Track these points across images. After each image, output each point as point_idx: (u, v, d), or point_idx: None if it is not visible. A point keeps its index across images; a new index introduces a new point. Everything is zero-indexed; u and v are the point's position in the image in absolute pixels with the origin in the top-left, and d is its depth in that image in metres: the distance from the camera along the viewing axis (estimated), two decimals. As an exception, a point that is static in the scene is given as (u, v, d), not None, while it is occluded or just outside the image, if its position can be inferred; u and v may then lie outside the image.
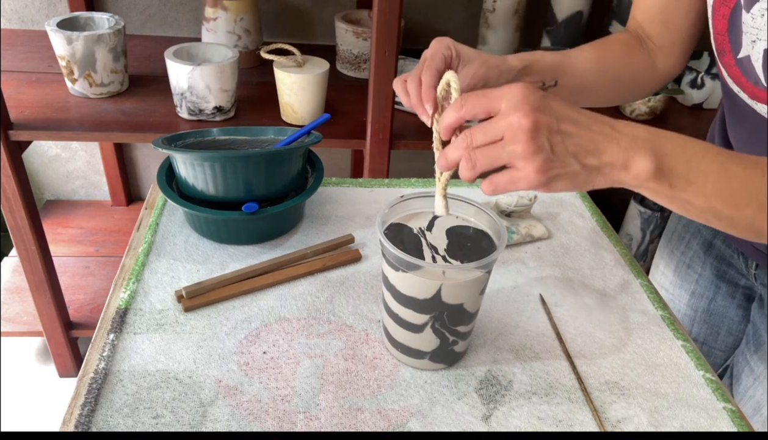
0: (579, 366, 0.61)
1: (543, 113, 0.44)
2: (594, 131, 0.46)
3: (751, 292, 0.78)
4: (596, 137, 0.45)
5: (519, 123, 0.44)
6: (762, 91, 0.59)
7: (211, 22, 1.30)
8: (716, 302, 0.80)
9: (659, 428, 0.55)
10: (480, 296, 0.56)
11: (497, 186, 0.47)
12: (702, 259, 0.81)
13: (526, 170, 0.45)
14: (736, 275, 0.78)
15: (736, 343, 0.80)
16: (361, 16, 1.43)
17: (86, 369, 0.56)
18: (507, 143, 0.44)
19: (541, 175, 0.44)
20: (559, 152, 0.45)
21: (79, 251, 1.59)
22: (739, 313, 0.79)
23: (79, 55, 1.13)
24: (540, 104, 0.45)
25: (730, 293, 0.79)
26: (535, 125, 0.44)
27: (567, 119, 0.45)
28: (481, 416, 0.55)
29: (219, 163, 0.68)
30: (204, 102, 1.13)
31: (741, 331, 0.80)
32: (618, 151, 0.45)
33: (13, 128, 1.08)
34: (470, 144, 0.46)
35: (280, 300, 0.65)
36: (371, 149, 1.16)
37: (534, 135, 0.44)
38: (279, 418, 0.53)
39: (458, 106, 0.47)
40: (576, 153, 0.45)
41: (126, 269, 0.68)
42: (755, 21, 0.56)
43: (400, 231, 0.58)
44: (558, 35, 1.43)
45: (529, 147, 0.44)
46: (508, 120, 0.44)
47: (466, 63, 0.60)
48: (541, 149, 0.44)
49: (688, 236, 0.83)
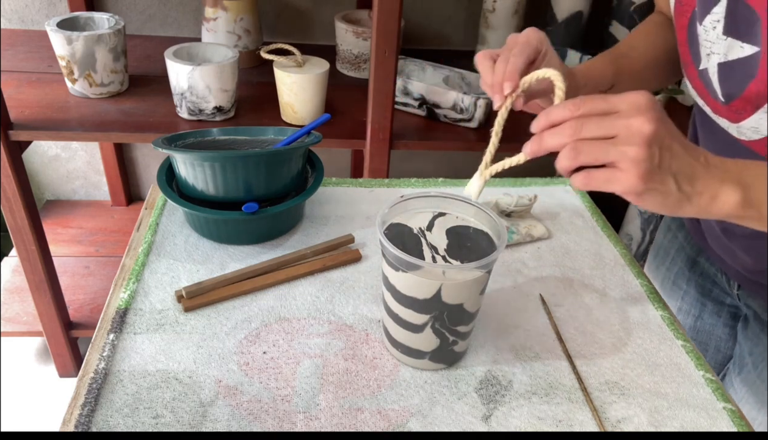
0: (579, 366, 0.61)
1: (664, 125, 0.45)
2: (693, 157, 0.46)
3: (737, 311, 0.76)
4: (695, 164, 0.46)
5: (640, 127, 0.44)
6: (720, 105, 0.58)
7: (211, 22, 1.30)
8: (703, 319, 0.79)
9: (659, 428, 0.55)
10: (480, 296, 0.56)
11: (593, 181, 0.46)
12: (687, 276, 0.80)
13: (629, 173, 0.44)
14: (721, 293, 0.76)
15: (725, 360, 0.78)
16: (361, 16, 1.43)
17: (86, 369, 0.56)
18: (620, 142, 0.44)
19: (641, 183, 0.44)
20: (664, 167, 0.45)
21: (79, 251, 1.59)
22: (726, 331, 0.78)
23: (79, 55, 1.13)
24: (662, 116, 0.45)
25: (716, 312, 0.78)
26: (655, 133, 0.44)
27: (678, 139, 0.46)
28: (481, 416, 0.55)
29: (219, 163, 0.68)
30: (204, 102, 1.13)
31: (729, 348, 0.78)
32: (709, 181, 0.46)
33: (13, 128, 1.08)
34: (578, 133, 0.45)
35: (280, 300, 0.65)
36: (371, 149, 1.16)
37: (650, 142, 0.44)
38: (279, 418, 0.53)
39: (575, 106, 0.46)
40: (676, 174, 0.45)
41: (126, 269, 0.68)
42: (708, 33, 0.55)
43: (400, 231, 0.58)
44: (558, 35, 1.43)
45: (642, 152, 0.43)
46: (628, 121, 0.44)
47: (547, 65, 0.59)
48: (651, 157, 0.44)
49: (673, 252, 0.82)
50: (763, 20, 0.50)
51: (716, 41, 0.55)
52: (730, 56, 0.54)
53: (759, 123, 0.54)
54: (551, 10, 1.43)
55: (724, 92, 0.56)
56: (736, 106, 0.56)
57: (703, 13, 0.55)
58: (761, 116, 0.54)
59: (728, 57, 0.54)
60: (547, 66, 0.59)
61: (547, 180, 0.91)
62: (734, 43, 0.53)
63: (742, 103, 0.55)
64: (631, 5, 1.36)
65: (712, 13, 0.54)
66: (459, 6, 1.56)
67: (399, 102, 1.25)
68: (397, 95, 1.24)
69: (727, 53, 0.54)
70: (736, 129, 0.57)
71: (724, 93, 0.56)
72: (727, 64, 0.55)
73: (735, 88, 0.55)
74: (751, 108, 0.54)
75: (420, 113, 1.26)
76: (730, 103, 0.56)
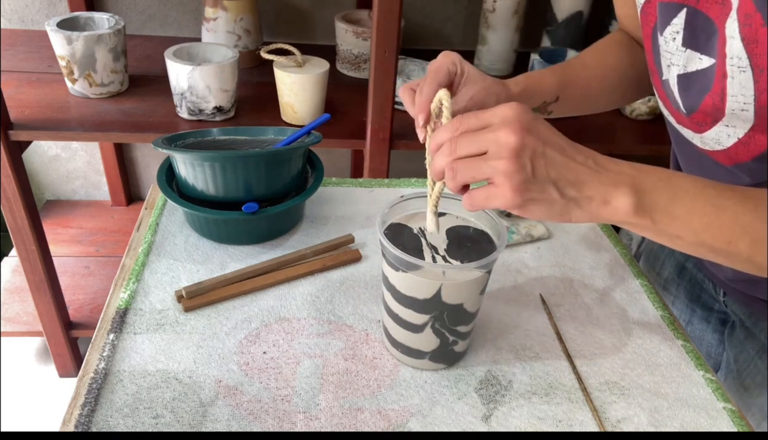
0: (579, 366, 0.61)
1: (531, 134, 0.44)
2: (578, 161, 0.45)
3: (725, 317, 0.75)
4: (579, 168, 0.45)
5: (506, 139, 0.43)
6: (683, 116, 0.57)
7: (211, 22, 1.30)
8: (693, 325, 0.78)
9: (659, 428, 0.55)
10: (480, 296, 0.56)
11: (474, 201, 0.46)
12: (676, 281, 0.79)
13: (504, 188, 0.44)
14: (709, 299, 0.76)
15: (716, 366, 0.77)
16: (361, 16, 1.43)
17: (86, 369, 0.56)
18: (490, 157, 0.44)
19: (518, 195, 0.44)
20: (539, 175, 0.44)
21: (79, 251, 1.59)
22: (715, 337, 0.77)
23: (79, 55, 1.13)
24: (530, 125, 0.44)
25: (705, 318, 0.77)
26: (521, 143, 0.43)
27: (553, 145, 0.45)
28: (481, 416, 0.55)
29: (219, 163, 0.68)
30: (204, 102, 1.13)
31: (720, 354, 0.77)
32: (598, 186, 0.45)
33: (13, 128, 1.08)
34: (454, 153, 0.46)
35: (280, 300, 0.65)
36: (371, 149, 1.16)
37: (518, 153, 0.43)
38: (279, 418, 0.53)
39: (453, 128, 0.46)
40: (556, 180, 0.44)
41: (126, 269, 0.68)
42: (668, 44, 0.55)
43: (400, 231, 0.58)
44: (558, 35, 1.43)
45: (511, 165, 0.43)
46: (495, 134, 0.44)
47: (468, 83, 0.60)
48: (522, 168, 0.43)
49: (663, 257, 0.81)
50: (721, 32, 0.49)
51: (676, 52, 0.54)
52: (690, 68, 0.53)
53: (719, 135, 0.54)
54: (551, 10, 1.43)
55: (684, 104, 0.55)
56: (697, 119, 0.55)
57: (663, 24, 0.55)
58: (721, 128, 0.53)
59: (687, 69, 0.53)
60: (466, 84, 0.60)
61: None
62: (693, 55, 0.52)
63: (701, 116, 0.54)
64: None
65: (671, 24, 0.54)
66: (459, 6, 1.56)
67: (399, 102, 1.25)
68: (398, 95, 1.24)
69: (686, 65, 0.53)
70: (699, 140, 0.57)
71: (685, 105, 0.55)
72: (686, 76, 0.54)
73: (694, 101, 0.54)
74: (711, 121, 0.53)
75: (420, 113, 1.26)
76: (690, 115, 0.56)
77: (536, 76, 0.66)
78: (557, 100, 0.67)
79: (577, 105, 0.70)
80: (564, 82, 0.67)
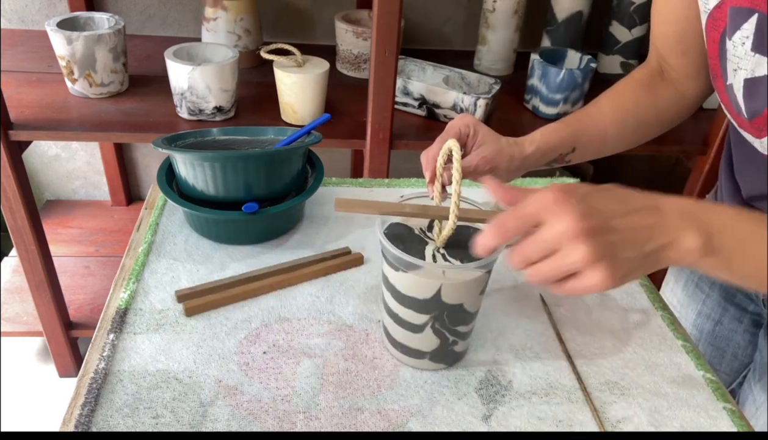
0: (579, 366, 0.61)
1: (589, 217, 0.43)
2: (641, 215, 0.45)
3: (759, 318, 0.75)
4: (646, 222, 0.45)
5: (571, 234, 0.42)
6: (744, 121, 0.58)
7: (211, 22, 1.30)
8: (722, 324, 0.78)
9: (659, 428, 0.55)
10: (480, 296, 0.56)
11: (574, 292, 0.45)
12: (711, 279, 0.78)
13: (595, 279, 0.43)
14: (744, 299, 0.75)
15: (741, 368, 0.77)
16: (361, 16, 1.43)
17: (86, 369, 0.56)
18: (566, 256, 0.43)
19: (610, 280, 0.43)
20: (619, 250, 0.43)
21: (79, 251, 1.59)
22: (746, 338, 0.76)
23: (79, 55, 1.13)
24: (581, 208, 0.43)
25: (737, 318, 0.76)
26: (586, 232, 0.42)
27: (612, 214, 0.44)
28: (481, 416, 0.55)
29: (219, 163, 0.68)
30: (204, 102, 1.13)
31: (747, 356, 0.77)
32: (665, 231, 0.45)
33: (13, 128, 1.08)
34: (527, 261, 0.45)
35: (280, 300, 0.65)
36: (371, 149, 1.16)
37: (590, 243, 0.42)
38: (279, 418, 0.53)
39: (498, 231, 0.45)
40: (634, 246, 0.44)
41: (126, 269, 0.68)
42: (736, 49, 0.55)
43: (400, 231, 0.58)
44: (558, 35, 1.43)
45: (590, 256, 0.42)
46: (553, 230, 0.43)
47: (480, 144, 0.60)
48: (602, 255, 0.43)
49: None
50: None
51: (744, 57, 0.55)
52: (758, 73, 0.54)
53: None
54: (551, 10, 1.43)
55: (747, 109, 0.56)
56: (758, 124, 0.56)
57: (733, 28, 0.55)
58: None
59: (755, 73, 0.54)
60: (479, 145, 0.61)
61: (548, 180, 0.91)
62: (762, 60, 0.53)
63: (763, 121, 0.55)
64: (631, 5, 1.36)
65: (741, 29, 0.54)
66: (459, 6, 1.56)
67: (399, 102, 1.25)
68: (397, 95, 1.24)
69: (754, 69, 0.54)
70: (759, 144, 0.58)
71: (748, 109, 0.56)
72: (753, 81, 0.54)
73: (759, 105, 0.55)
74: None
75: (420, 113, 1.26)
76: (752, 119, 0.56)
77: (551, 130, 0.66)
78: (573, 150, 0.68)
79: (595, 152, 0.70)
80: (579, 133, 0.67)
